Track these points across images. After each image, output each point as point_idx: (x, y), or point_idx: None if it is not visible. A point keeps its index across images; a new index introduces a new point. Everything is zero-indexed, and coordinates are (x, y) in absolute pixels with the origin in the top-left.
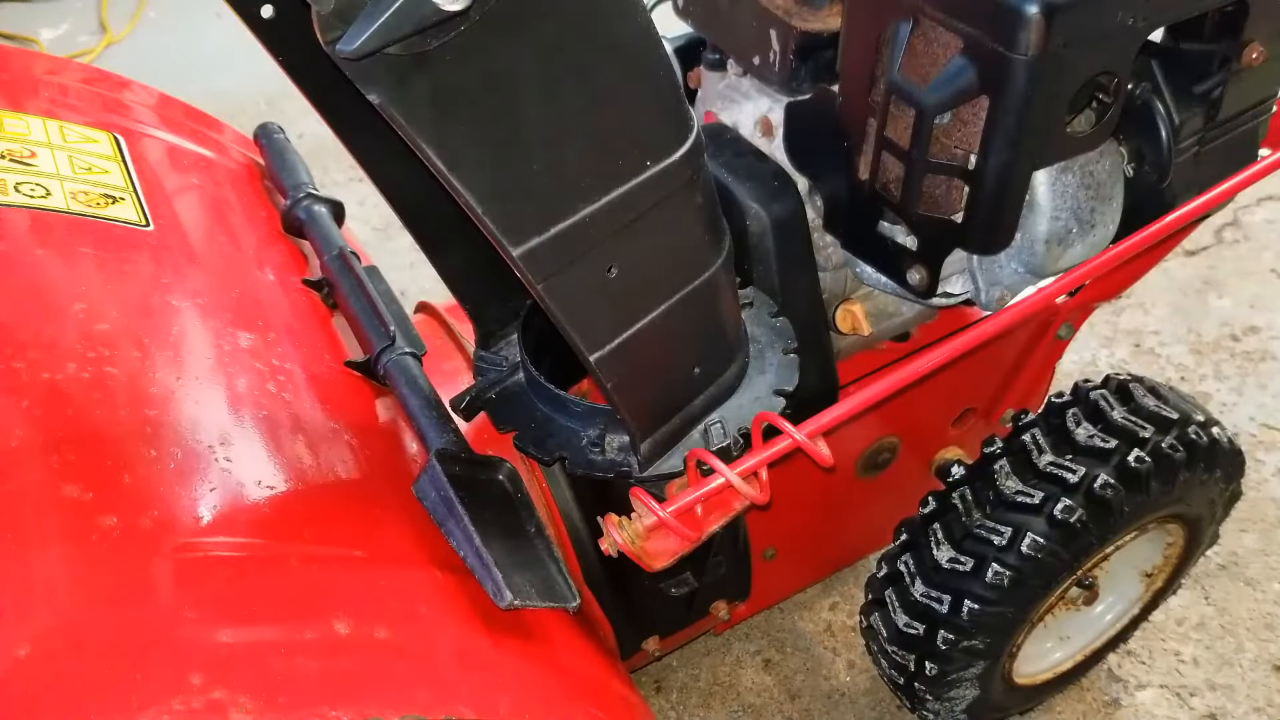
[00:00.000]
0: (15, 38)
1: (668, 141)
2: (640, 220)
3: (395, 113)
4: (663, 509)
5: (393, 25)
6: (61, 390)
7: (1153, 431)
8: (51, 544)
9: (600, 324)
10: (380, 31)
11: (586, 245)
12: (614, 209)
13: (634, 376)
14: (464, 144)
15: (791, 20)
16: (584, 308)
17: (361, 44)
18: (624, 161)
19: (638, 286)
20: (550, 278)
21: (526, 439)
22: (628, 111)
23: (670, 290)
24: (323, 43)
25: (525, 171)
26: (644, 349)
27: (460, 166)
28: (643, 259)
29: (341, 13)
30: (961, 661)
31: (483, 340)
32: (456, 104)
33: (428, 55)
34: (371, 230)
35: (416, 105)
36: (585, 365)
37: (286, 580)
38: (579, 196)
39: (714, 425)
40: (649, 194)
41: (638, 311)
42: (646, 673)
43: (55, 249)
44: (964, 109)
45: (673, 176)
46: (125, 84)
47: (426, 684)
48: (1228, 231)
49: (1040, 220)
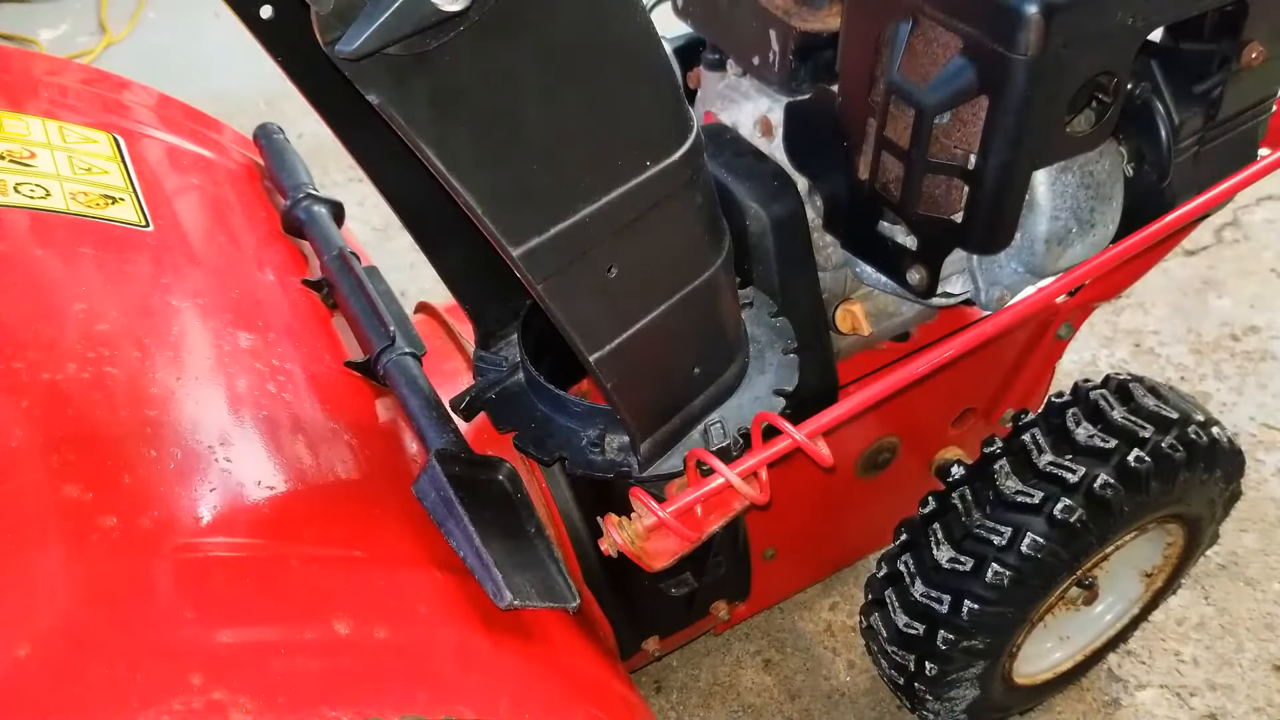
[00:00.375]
0: (15, 38)
1: (668, 141)
2: (640, 220)
3: (394, 113)
4: (662, 509)
5: (392, 26)
6: (61, 390)
7: (1153, 431)
8: (51, 544)
9: (600, 324)
10: (380, 32)
11: (586, 245)
12: (614, 209)
13: (634, 377)
14: (463, 144)
15: (791, 20)
16: (584, 308)
17: (361, 44)
18: (624, 162)
19: (638, 286)
20: (550, 278)
21: (526, 439)
22: (628, 111)
23: (670, 290)
24: (322, 43)
25: (525, 172)
26: (644, 349)
27: (460, 167)
28: (643, 259)
29: (341, 13)
30: (961, 661)
31: (482, 340)
32: (456, 104)
33: (427, 55)
34: (371, 230)
35: (416, 106)
36: (585, 365)
37: (286, 580)
38: (579, 197)
39: (714, 425)
40: (649, 194)
41: (638, 311)
42: (646, 673)
43: (55, 249)
44: (964, 109)
45: (673, 176)
46: (125, 84)
47: (426, 684)
48: (1227, 231)
49: (1040, 220)
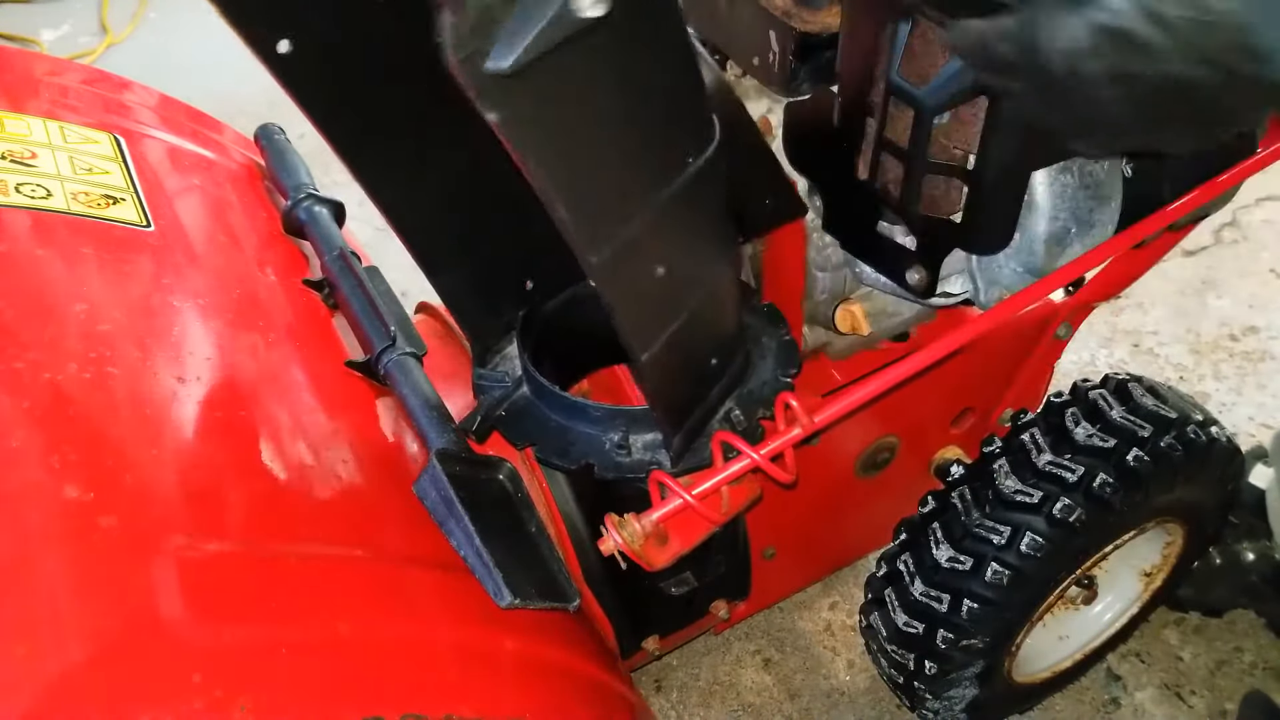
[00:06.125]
0: (16, 38)
1: (703, 136)
2: (680, 218)
3: (513, 131)
4: (687, 492)
5: (547, 37)
6: (62, 390)
7: (1152, 431)
8: (52, 544)
9: (650, 325)
10: (536, 44)
11: (642, 248)
12: (663, 208)
13: (670, 373)
14: (560, 157)
15: (791, 21)
16: (640, 310)
17: (517, 59)
18: (672, 159)
19: (678, 284)
20: (617, 284)
21: (549, 451)
22: (675, 107)
23: (700, 284)
24: (454, 60)
25: (603, 178)
26: (679, 345)
27: (557, 180)
28: (682, 256)
29: (479, 28)
30: (961, 660)
31: (479, 358)
32: (559, 116)
33: (547, 67)
34: (372, 230)
35: (526, 121)
36: (635, 368)
37: (286, 580)
38: (639, 200)
39: (733, 413)
40: (688, 190)
41: (678, 308)
42: (646, 672)
43: (56, 249)
44: (963, 109)
45: (708, 170)
46: (126, 85)
47: (426, 684)
48: (1226, 232)
49: (1039, 220)
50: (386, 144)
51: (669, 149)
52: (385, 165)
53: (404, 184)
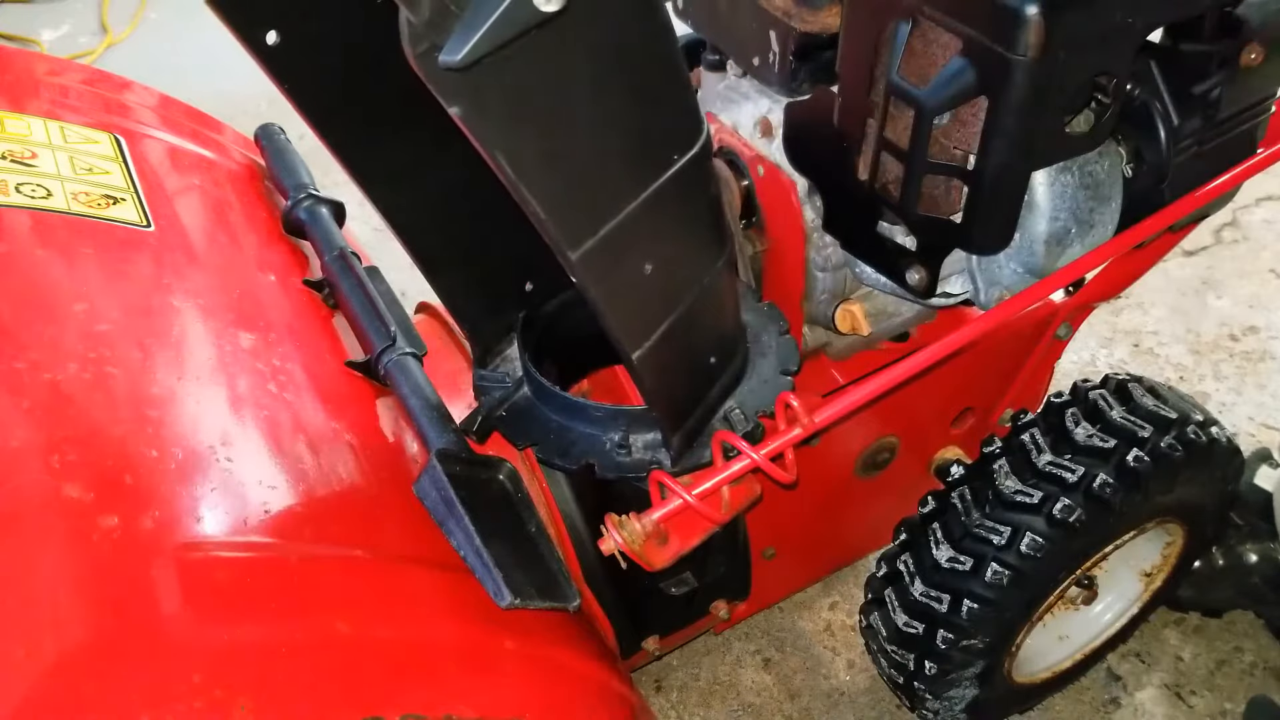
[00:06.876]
0: (16, 39)
1: (690, 133)
2: (668, 215)
3: (474, 124)
4: (687, 492)
5: (498, 32)
6: (62, 390)
7: (1151, 431)
8: (52, 544)
9: (640, 322)
10: (486, 38)
11: (628, 244)
12: (648, 205)
13: (666, 371)
14: (529, 150)
15: (791, 21)
16: (627, 307)
17: (468, 53)
18: (658, 156)
19: (668, 281)
20: (601, 280)
21: (550, 451)
22: (660, 105)
23: (693, 282)
24: (411, 54)
25: (580, 172)
26: (673, 343)
27: (527, 173)
28: (671, 253)
29: (434, 23)
30: (961, 661)
31: (480, 359)
32: (525, 109)
33: (509, 61)
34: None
35: (491, 114)
36: (627, 366)
37: (286, 580)
38: (622, 195)
39: (733, 412)
40: (675, 187)
41: (669, 306)
42: (646, 672)
43: (56, 250)
44: (963, 109)
45: (695, 167)
46: (126, 85)
47: (426, 684)
48: (1226, 231)
49: (1039, 220)
50: (382, 144)
51: (650, 145)
52: (381, 165)
53: (401, 184)
